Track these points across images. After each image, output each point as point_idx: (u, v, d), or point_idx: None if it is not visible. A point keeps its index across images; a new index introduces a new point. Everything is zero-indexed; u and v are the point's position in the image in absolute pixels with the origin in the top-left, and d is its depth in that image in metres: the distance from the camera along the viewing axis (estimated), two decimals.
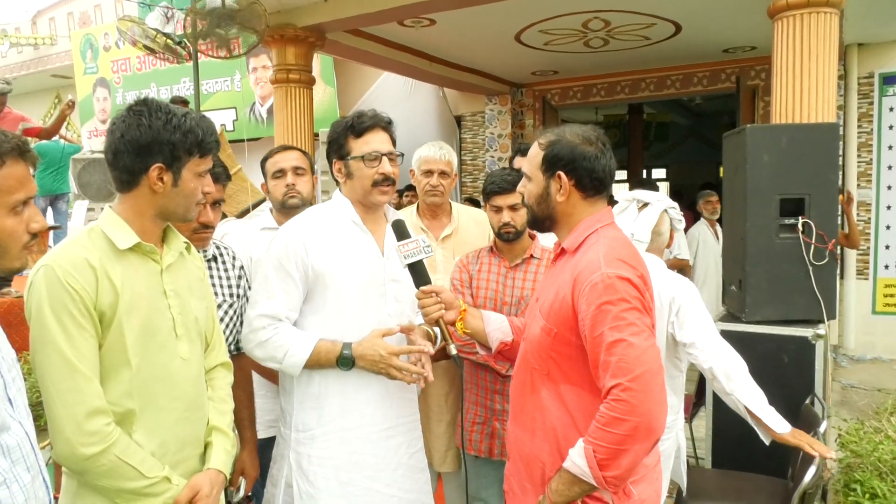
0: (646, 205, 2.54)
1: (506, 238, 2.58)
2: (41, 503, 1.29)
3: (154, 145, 1.54)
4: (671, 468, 2.50)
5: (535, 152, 1.77)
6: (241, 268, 2.28)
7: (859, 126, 6.79)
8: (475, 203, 7.21)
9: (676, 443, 2.53)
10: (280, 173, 2.64)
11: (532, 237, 2.69)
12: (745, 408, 2.28)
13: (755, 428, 2.30)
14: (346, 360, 1.92)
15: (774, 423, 2.25)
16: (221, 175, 2.10)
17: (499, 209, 2.56)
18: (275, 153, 2.72)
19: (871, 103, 6.75)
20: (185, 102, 7.94)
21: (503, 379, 2.56)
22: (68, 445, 1.45)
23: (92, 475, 1.49)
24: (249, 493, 2.21)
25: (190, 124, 1.59)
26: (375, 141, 2.00)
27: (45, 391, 1.47)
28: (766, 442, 2.29)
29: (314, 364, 1.92)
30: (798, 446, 2.24)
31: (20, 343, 1.54)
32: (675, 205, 2.56)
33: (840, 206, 5.07)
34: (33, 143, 6.29)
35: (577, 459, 1.55)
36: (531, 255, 2.63)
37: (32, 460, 1.28)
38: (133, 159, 1.55)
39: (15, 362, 1.32)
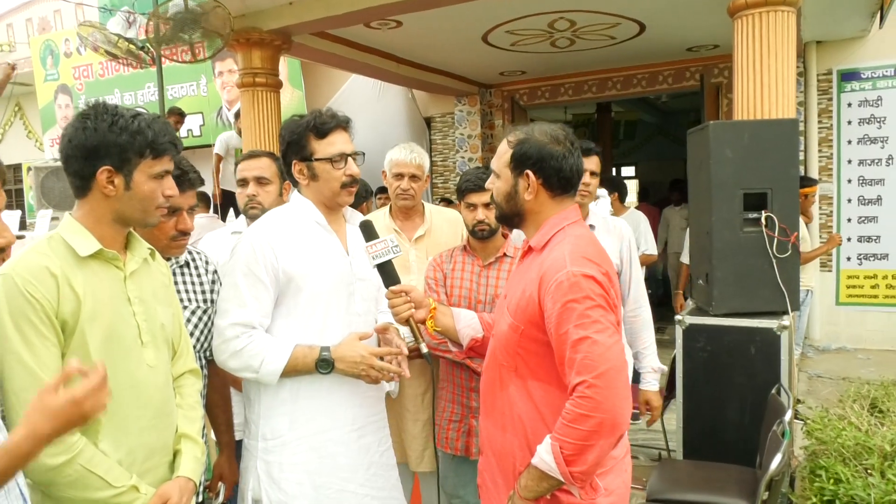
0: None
1: (480, 236, 2.59)
2: None
3: (101, 148, 1.52)
4: None
5: (504, 150, 1.79)
6: (215, 272, 2.25)
7: (819, 122, 6.95)
8: (449, 203, 7.24)
9: None
10: (243, 182, 2.62)
11: (505, 236, 2.72)
12: None
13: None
14: (325, 363, 1.90)
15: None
16: (196, 181, 2.06)
17: (473, 206, 2.57)
18: (242, 160, 2.69)
19: (831, 99, 6.91)
20: (180, 114, 7.88)
21: (479, 376, 2.58)
22: None
23: (57, 486, 1.46)
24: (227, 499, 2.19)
25: (139, 125, 1.56)
26: (339, 142, 1.99)
27: (6, 401, 1.45)
28: None
29: (292, 370, 1.89)
30: None
31: None
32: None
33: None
34: None
35: (545, 455, 1.57)
36: (504, 254, 2.65)
37: None
38: (82, 164, 1.54)
39: None
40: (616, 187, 5.73)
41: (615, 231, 2.93)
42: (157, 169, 1.60)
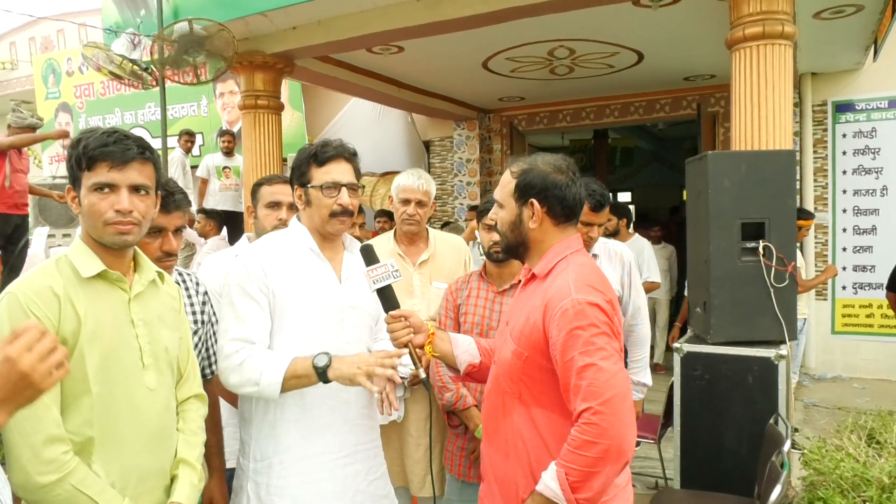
0: None
1: (495, 258, 2.61)
2: None
3: (68, 169, 1.58)
4: None
5: (508, 180, 1.81)
6: (206, 293, 2.25)
7: (815, 152, 7.03)
8: (447, 224, 7.30)
9: None
10: (275, 205, 2.62)
11: (522, 262, 2.74)
12: None
13: None
14: (323, 357, 1.84)
15: None
16: (182, 202, 2.06)
17: (490, 228, 2.60)
18: (273, 182, 2.67)
19: (826, 130, 7.00)
20: (190, 134, 8.12)
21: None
22: (24, 473, 1.42)
23: None
24: None
25: (80, 138, 1.56)
26: (336, 171, 2.00)
27: None
28: None
29: (292, 377, 1.84)
30: None
31: None
32: None
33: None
34: None
35: (550, 482, 1.56)
36: (520, 280, 2.67)
37: None
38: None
39: None
40: (623, 214, 5.74)
41: (616, 257, 2.95)
42: (92, 180, 1.53)
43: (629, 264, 2.96)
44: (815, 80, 6.95)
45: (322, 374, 1.83)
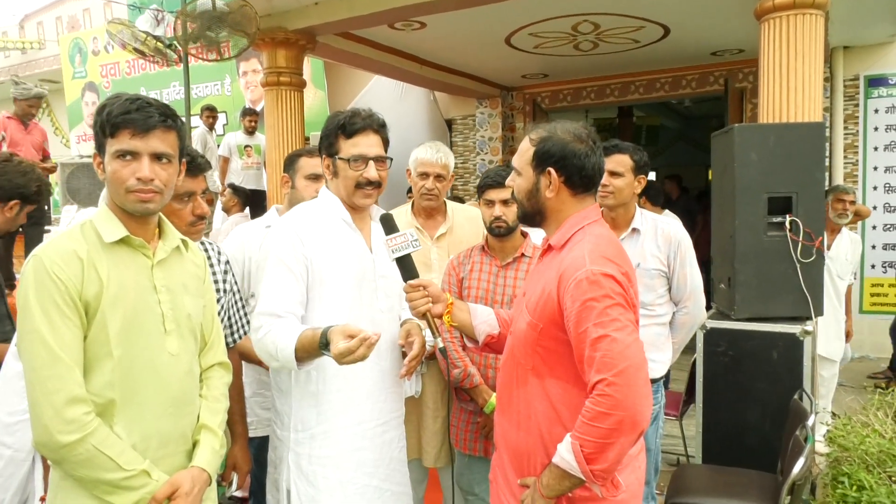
0: None
1: (497, 233, 2.59)
2: None
3: (94, 136, 1.59)
4: None
5: (526, 147, 1.78)
6: (227, 262, 2.27)
7: (845, 128, 6.87)
8: (459, 200, 7.26)
9: None
10: (316, 178, 2.62)
11: (524, 235, 2.71)
12: None
13: None
14: (323, 334, 1.78)
15: None
16: (204, 165, 2.06)
17: (491, 203, 2.58)
18: (315, 154, 2.59)
19: (857, 105, 6.83)
20: (212, 109, 8.20)
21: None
22: (46, 432, 1.45)
23: (69, 464, 1.48)
24: (242, 492, 2.21)
25: (103, 105, 1.56)
26: (364, 144, 1.99)
27: (27, 378, 1.48)
28: None
29: (303, 351, 1.82)
30: None
31: None
32: None
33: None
34: None
35: (565, 454, 1.56)
36: (522, 254, 2.65)
37: None
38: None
39: None
40: (644, 190, 5.65)
41: (662, 235, 2.81)
42: (115, 147, 1.54)
43: (678, 243, 2.81)
44: (846, 54, 6.77)
45: (324, 347, 1.78)
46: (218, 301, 2.16)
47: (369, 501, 2.00)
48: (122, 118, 1.53)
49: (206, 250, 2.22)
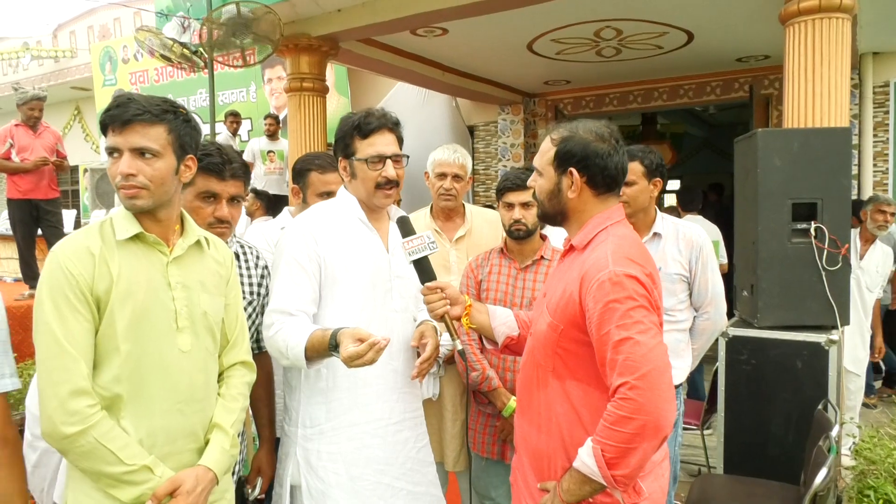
0: None
1: (516, 236, 2.58)
2: None
3: None
4: None
5: (547, 147, 1.76)
6: (265, 267, 2.24)
7: (875, 135, 6.74)
8: (490, 208, 7.23)
9: None
10: (328, 195, 2.59)
11: (543, 238, 2.70)
12: None
13: None
14: (333, 336, 1.80)
15: None
16: (238, 171, 2.03)
17: (510, 206, 2.57)
18: (326, 170, 2.60)
19: (887, 112, 6.70)
20: (236, 115, 8.30)
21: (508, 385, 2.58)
22: (50, 423, 1.47)
23: (72, 455, 1.50)
24: (263, 495, 2.20)
25: (109, 104, 1.59)
26: (380, 143, 2.00)
27: (37, 369, 1.52)
28: None
29: (312, 350, 1.83)
30: None
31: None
32: None
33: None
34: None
35: (587, 459, 1.54)
36: (542, 257, 2.63)
37: None
38: None
39: None
40: (677, 196, 5.56)
41: (684, 239, 2.77)
42: (108, 143, 1.57)
43: (700, 248, 2.76)
44: (876, 60, 6.66)
45: (334, 349, 1.79)
46: (251, 303, 2.15)
47: (382, 498, 1.99)
48: (105, 115, 1.56)
49: (244, 253, 2.20)
